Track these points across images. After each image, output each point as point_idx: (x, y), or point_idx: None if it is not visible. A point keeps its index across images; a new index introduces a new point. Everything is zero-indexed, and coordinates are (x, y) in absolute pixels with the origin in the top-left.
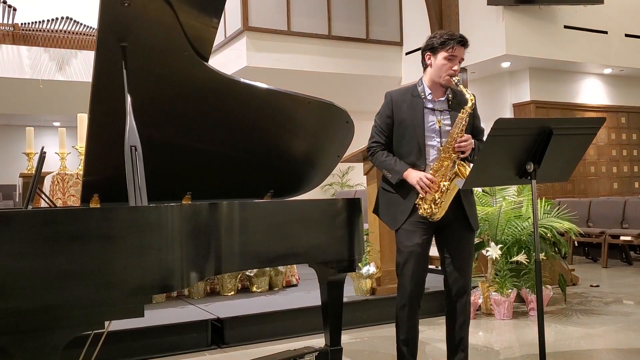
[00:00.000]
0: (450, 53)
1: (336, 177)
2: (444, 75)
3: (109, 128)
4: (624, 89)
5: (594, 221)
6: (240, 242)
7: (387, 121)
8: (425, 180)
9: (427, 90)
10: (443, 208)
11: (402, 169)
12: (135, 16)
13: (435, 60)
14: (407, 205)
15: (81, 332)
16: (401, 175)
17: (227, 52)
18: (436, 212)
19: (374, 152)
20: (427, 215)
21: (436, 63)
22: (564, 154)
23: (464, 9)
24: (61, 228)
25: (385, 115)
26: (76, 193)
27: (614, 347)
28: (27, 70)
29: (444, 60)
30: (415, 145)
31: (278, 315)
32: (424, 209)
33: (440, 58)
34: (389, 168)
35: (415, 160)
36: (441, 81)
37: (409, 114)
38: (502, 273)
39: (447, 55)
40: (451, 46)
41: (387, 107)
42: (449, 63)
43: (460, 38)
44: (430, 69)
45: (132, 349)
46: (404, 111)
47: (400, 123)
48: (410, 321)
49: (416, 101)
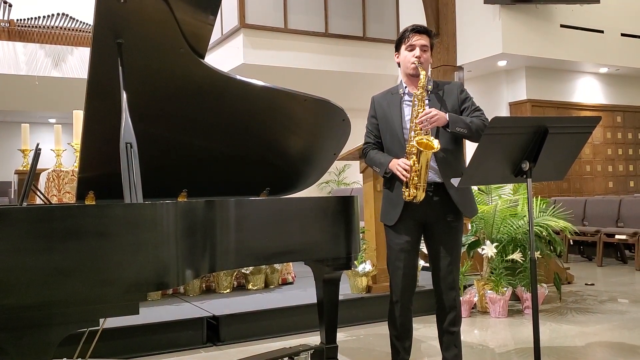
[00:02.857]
0: (408, 43)
1: (332, 175)
2: (409, 65)
3: (104, 125)
4: (619, 88)
5: (589, 220)
6: (236, 239)
7: (373, 121)
8: (401, 164)
9: (404, 86)
10: (422, 187)
11: (386, 160)
12: (131, 13)
13: (400, 56)
14: (400, 200)
15: (76, 329)
16: (386, 166)
17: (224, 49)
18: (417, 194)
19: (366, 152)
20: (411, 198)
21: (401, 57)
22: (560, 152)
23: (460, 7)
24: (56, 225)
25: (370, 116)
26: (71, 190)
27: (608, 346)
28: (23, 67)
29: (405, 52)
30: (396, 138)
31: (274, 312)
32: (408, 193)
33: (403, 51)
34: (377, 163)
35: (398, 152)
36: (409, 72)
37: (388, 110)
38: (497, 271)
39: (406, 47)
40: (406, 37)
41: (371, 109)
42: (410, 53)
43: (413, 26)
44: (401, 66)
45: (127, 346)
46: (384, 109)
47: (382, 120)
48: (403, 317)
49: (394, 97)
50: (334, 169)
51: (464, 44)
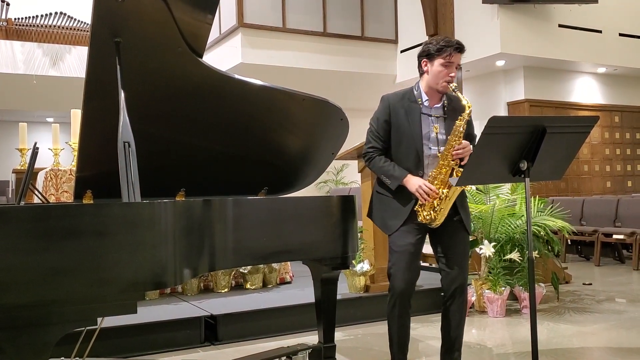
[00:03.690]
0: (447, 60)
1: (331, 175)
2: (441, 82)
3: (102, 124)
4: (617, 88)
5: (587, 219)
6: (234, 238)
7: (385, 126)
8: (425, 188)
9: (424, 97)
10: (442, 215)
11: (401, 175)
12: (129, 12)
13: (431, 66)
14: (405, 211)
15: (74, 328)
16: (400, 181)
17: (222, 49)
18: (435, 219)
19: (371, 157)
20: (426, 222)
21: (433, 70)
22: (558, 152)
23: (459, 7)
24: (54, 224)
25: (383, 120)
26: (69, 189)
27: (606, 345)
28: (21, 66)
29: (440, 67)
30: (412, 152)
31: (271, 312)
32: (423, 215)
33: (437, 65)
34: (388, 174)
35: (412, 167)
36: (438, 87)
37: (407, 120)
38: (495, 271)
39: (443, 62)
40: (448, 53)
41: (384, 112)
42: (445, 69)
43: (457, 45)
44: (426, 76)
45: (125, 345)
46: (401, 116)
47: (398, 128)
48: (401, 319)
49: (413, 107)
50: (332, 169)
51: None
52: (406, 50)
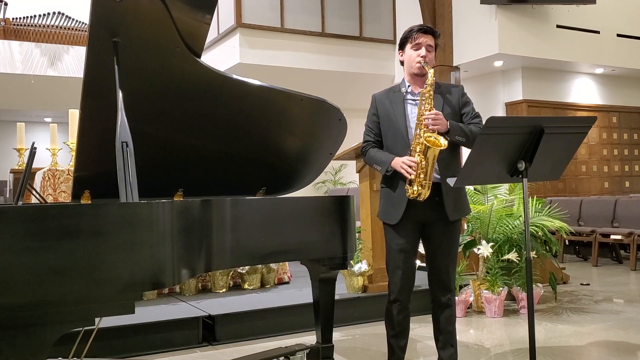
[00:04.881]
0: (414, 43)
1: (329, 175)
2: (414, 64)
3: (100, 124)
4: (615, 88)
5: (585, 220)
6: (231, 239)
7: (373, 119)
8: (407, 161)
9: (406, 84)
10: (428, 185)
11: (388, 158)
12: (127, 11)
13: (405, 54)
14: (402, 199)
15: (71, 329)
16: (388, 164)
17: (220, 49)
18: (422, 192)
19: (365, 150)
20: (415, 196)
21: (406, 56)
22: (555, 152)
23: (457, 7)
24: (52, 224)
25: (371, 114)
26: (67, 189)
27: (603, 345)
28: (19, 66)
29: (410, 50)
30: (399, 136)
31: (269, 312)
32: (412, 191)
33: (408, 50)
34: (378, 161)
35: (401, 150)
36: (414, 70)
37: (391, 108)
38: (493, 271)
39: (411, 46)
40: (412, 36)
41: (372, 107)
42: (415, 52)
43: (419, 26)
44: (404, 65)
45: (123, 345)
46: (386, 107)
47: (384, 118)
48: (400, 317)
49: (397, 96)
50: (330, 169)
51: (461, 44)
52: None
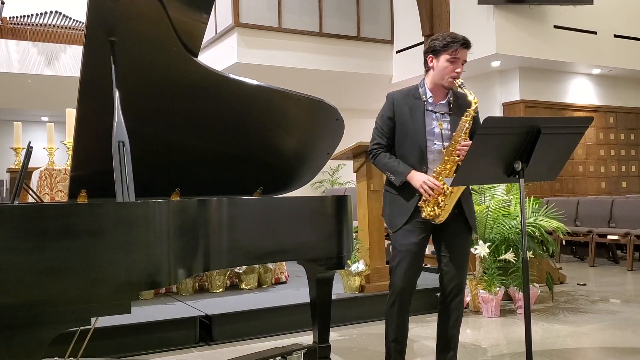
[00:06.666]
0: (452, 55)
1: (326, 175)
2: (447, 77)
3: (97, 123)
4: (612, 89)
5: (582, 220)
6: (228, 238)
7: (389, 123)
8: (429, 183)
9: (428, 93)
10: (446, 211)
11: (405, 170)
12: (124, 11)
13: (437, 62)
14: (409, 208)
15: (68, 329)
16: (404, 177)
17: (218, 48)
18: (439, 215)
19: (376, 154)
20: (430, 218)
21: (438, 65)
22: (552, 153)
23: (454, 7)
24: (48, 223)
25: (387, 117)
26: (64, 188)
27: (600, 345)
28: (16, 65)
29: (446, 62)
30: (416, 148)
31: (266, 312)
32: (427, 211)
33: (443, 60)
34: (392, 170)
35: (416, 162)
36: (444, 83)
37: (411, 116)
38: (490, 271)
39: (449, 58)
40: (454, 49)
41: (388, 109)
42: (451, 65)
43: (463, 40)
44: (432, 72)
45: (119, 345)
46: (405, 113)
47: (402, 125)
48: (400, 319)
49: (417, 103)
50: (327, 169)
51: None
52: (402, 51)
